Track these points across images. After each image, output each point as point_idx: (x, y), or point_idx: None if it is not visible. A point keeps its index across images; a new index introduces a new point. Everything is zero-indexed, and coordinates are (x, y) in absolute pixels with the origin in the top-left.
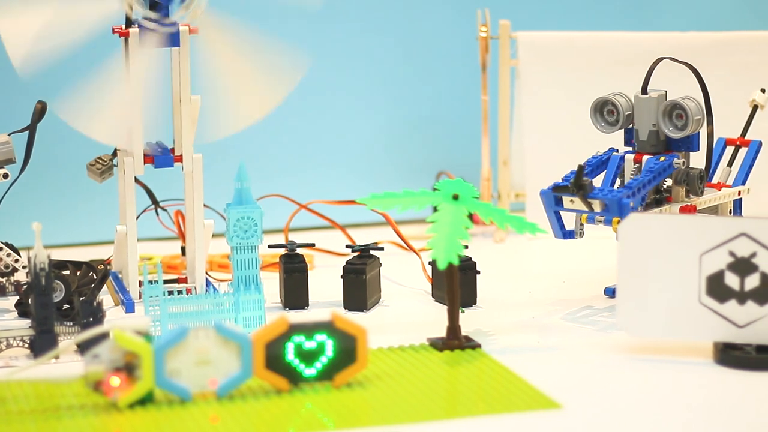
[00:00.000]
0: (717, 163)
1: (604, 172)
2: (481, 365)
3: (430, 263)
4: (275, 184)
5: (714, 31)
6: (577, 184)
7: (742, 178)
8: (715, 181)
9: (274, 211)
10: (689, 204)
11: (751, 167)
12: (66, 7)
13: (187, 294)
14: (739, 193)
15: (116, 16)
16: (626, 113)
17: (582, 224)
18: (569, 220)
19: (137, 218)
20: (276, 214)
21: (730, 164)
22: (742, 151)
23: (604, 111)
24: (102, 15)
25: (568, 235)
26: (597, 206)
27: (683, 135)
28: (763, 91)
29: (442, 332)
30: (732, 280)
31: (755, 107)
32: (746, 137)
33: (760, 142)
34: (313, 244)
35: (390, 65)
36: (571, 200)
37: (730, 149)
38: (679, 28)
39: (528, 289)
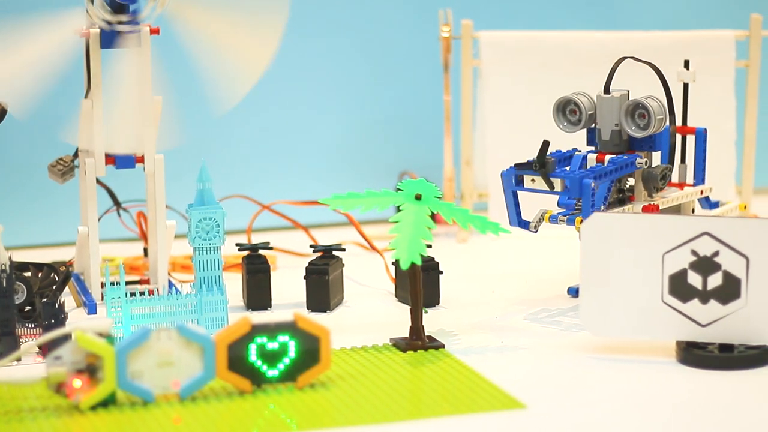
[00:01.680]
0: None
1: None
2: (444, 365)
3: (393, 263)
4: (238, 184)
5: (676, 31)
6: (541, 160)
7: (701, 175)
8: (674, 179)
9: (237, 212)
10: (652, 203)
11: (704, 160)
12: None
13: (149, 295)
14: (702, 192)
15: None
16: (589, 113)
17: (540, 221)
18: (529, 214)
19: (99, 219)
20: (238, 215)
21: (682, 160)
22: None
23: (567, 111)
24: (73, 28)
25: (523, 224)
26: (558, 185)
27: (646, 134)
28: (686, 65)
29: (405, 333)
30: (695, 279)
31: (686, 85)
32: (688, 123)
33: (705, 130)
34: (270, 246)
35: (352, 66)
36: (532, 180)
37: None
38: (642, 28)
39: (491, 289)
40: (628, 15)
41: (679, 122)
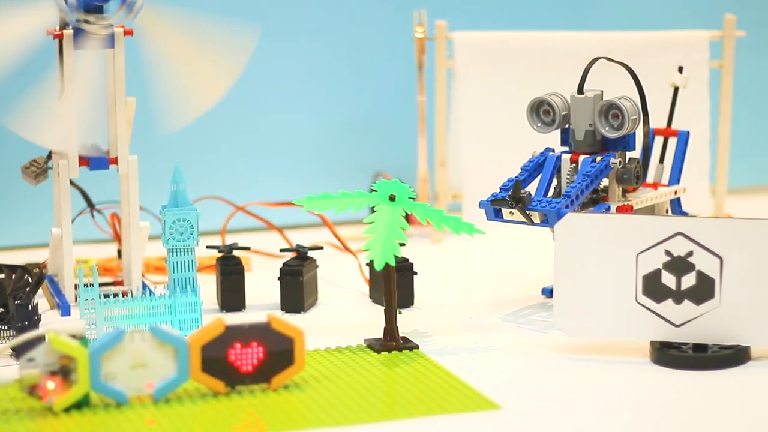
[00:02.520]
0: (650, 152)
1: (541, 174)
2: (418, 366)
3: (367, 264)
4: (211, 186)
5: (650, 31)
6: (515, 197)
7: (677, 176)
8: (649, 179)
9: (211, 213)
10: (626, 204)
11: (682, 162)
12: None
13: (123, 297)
14: (676, 192)
15: (52, 20)
16: (562, 113)
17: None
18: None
19: (73, 221)
20: (212, 217)
21: (661, 160)
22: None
23: (540, 111)
24: (38, 23)
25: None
26: (536, 218)
27: (620, 135)
28: (680, 70)
29: (379, 333)
30: (668, 279)
31: (676, 89)
32: (672, 126)
33: (688, 132)
34: (248, 248)
35: (326, 67)
36: (510, 212)
37: (658, 147)
38: (616, 28)
39: (465, 290)
40: (602, 15)
41: (664, 124)
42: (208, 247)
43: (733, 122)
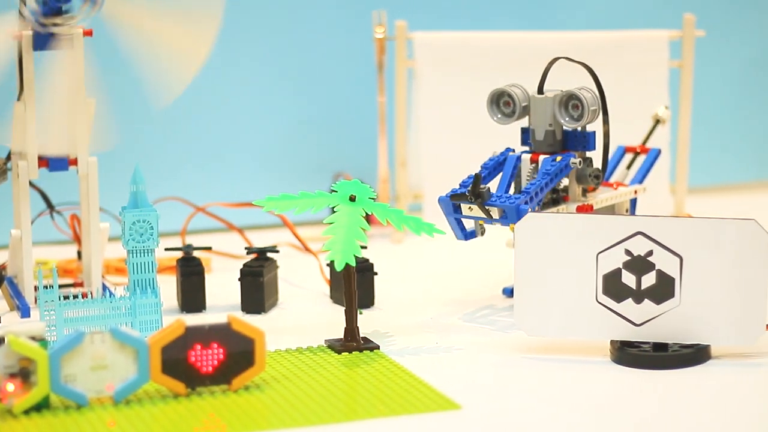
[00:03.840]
0: (615, 167)
1: (501, 173)
2: (379, 367)
3: (327, 265)
4: (171, 187)
5: (610, 31)
6: (475, 192)
7: (639, 179)
8: (612, 179)
9: (171, 214)
10: (586, 203)
11: (649, 170)
12: None
13: (83, 298)
14: (636, 192)
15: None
16: (522, 104)
17: (481, 227)
18: (469, 221)
19: (32, 222)
20: (172, 217)
21: (628, 167)
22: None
23: (501, 102)
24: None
25: (469, 235)
26: (495, 213)
27: (579, 125)
28: (666, 107)
29: (340, 334)
30: (629, 279)
31: (657, 121)
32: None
33: (659, 150)
34: (210, 248)
35: (286, 67)
36: (470, 207)
37: (629, 156)
38: (576, 28)
39: (426, 290)
40: (562, 15)
41: (627, 132)
42: (166, 249)
43: (692, 121)
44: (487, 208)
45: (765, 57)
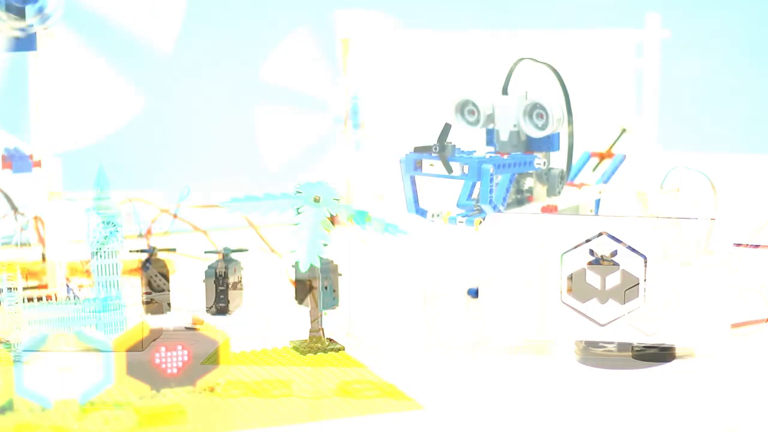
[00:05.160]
0: (579, 171)
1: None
2: (343, 367)
3: (292, 266)
4: (136, 188)
5: (574, 30)
6: (442, 142)
7: (604, 180)
8: (576, 181)
9: (135, 215)
10: (550, 204)
11: (613, 173)
12: None
13: (47, 300)
14: (600, 192)
15: None
16: (487, 113)
17: (438, 216)
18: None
19: None
20: (138, 219)
21: (594, 169)
22: None
23: (465, 111)
24: None
25: (420, 212)
26: (457, 169)
27: (544, 134)
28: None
29: (304, 335)
30: (593, 279)
31: (623, 131)
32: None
33: (625, 156)
34: (174, 249)
35: (249, 66)
36: (431, 164)
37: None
38: (539, 27)
39: (391, 290)
40: (525, 14)
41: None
42: (131, 251)
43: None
44: (449, 163)
45: (730, 59)
